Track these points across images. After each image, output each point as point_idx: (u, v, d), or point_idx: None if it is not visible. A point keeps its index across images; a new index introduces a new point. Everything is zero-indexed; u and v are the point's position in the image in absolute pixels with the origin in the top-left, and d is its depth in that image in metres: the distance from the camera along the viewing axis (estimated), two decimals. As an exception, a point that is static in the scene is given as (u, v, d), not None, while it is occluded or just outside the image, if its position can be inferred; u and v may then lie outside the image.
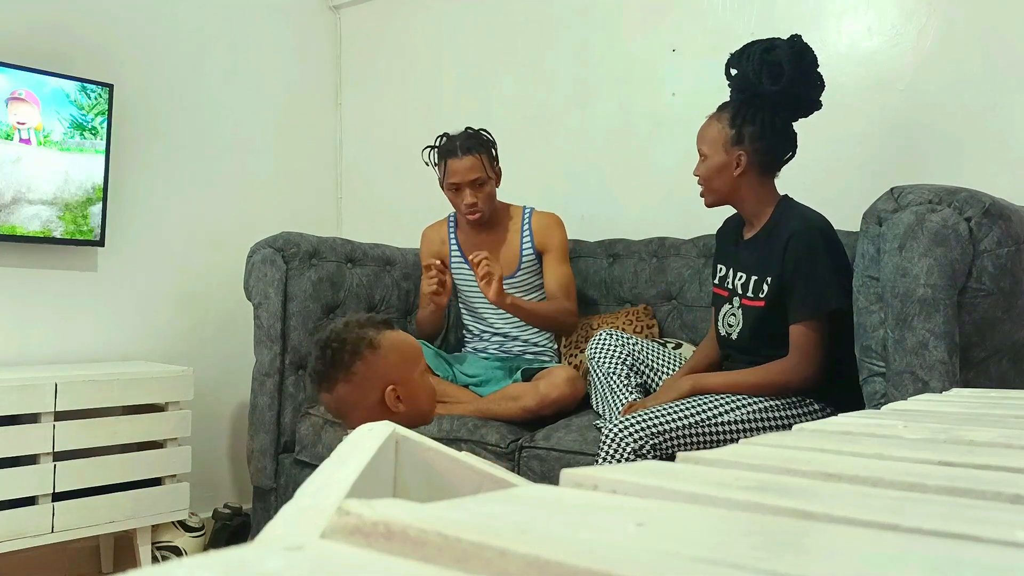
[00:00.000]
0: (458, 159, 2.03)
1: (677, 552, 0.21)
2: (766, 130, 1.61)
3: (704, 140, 1.66)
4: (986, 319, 1.30)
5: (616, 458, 1.48)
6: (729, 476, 0.32)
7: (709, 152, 1.65)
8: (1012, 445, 0.41)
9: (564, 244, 2.18)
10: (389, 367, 1.23)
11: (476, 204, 2.07)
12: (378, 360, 1.22)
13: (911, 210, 1.30)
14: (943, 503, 0.29)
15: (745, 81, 1.60)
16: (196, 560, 0.20)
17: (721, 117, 1.65)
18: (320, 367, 1.24)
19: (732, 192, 1.65)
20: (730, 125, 1.62)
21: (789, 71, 1.56)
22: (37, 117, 2.12)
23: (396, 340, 1.26)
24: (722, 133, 1.63)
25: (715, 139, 1.64)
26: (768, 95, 1.59)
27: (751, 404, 1.54)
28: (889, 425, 0.50)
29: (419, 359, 1.29)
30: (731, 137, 1.62)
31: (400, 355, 1.25)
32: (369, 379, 1.22)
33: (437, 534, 0.21)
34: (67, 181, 2.18)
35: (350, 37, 3.07)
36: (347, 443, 0.42)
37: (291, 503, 0.28)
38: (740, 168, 1.62)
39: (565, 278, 2.14)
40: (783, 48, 1.57)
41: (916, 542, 0.24)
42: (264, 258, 2.15)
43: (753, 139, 1.61)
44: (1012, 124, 1.85)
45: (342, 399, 1.24)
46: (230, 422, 2.63)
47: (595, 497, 0.28)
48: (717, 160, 1.63)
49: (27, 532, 1.85)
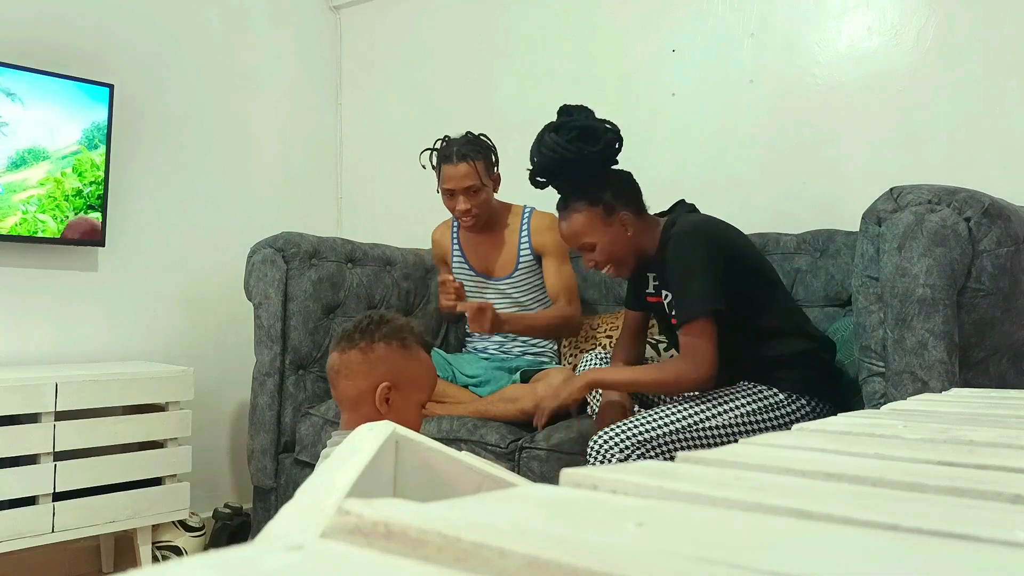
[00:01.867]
0: (453, 166, 2.03)
1: (677, 552, 0.21)
2: (613, 183, 1.64)
3: (578, 236, 1.64)
4: (985, 319, 1.30)
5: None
6: (729, 476, 0.32)
7: (594, 238, 1.63)
8: (1012, 445, 0.41)
9: (563, 244, 2.17)
10: (402, 369, 1.23)
11: (469, 210, 2.06)
12: (399, 359, 1.23)
13: (910, 210, 1.30)
14: (943, 503, 0.29)
15: (565, 159, 1.60)
16: (196, 560, 0.20)
17: (575, 208, 1.64)
18: (353, 329, 1.25)
19: (635, 250, 1.66)
20: (590, 204, 1.62)
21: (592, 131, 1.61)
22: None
23: (422, 359, 1.27)
24: (591, 215, 1.62)
25: (588, 224, 1.63)
26: (592, 156, 1.61)
27: (736, 408, 1.53)
28: (889, 425, 0.50)
29: (426, 389, 1.27)
30: (602, 211, 1.62)
31: (419, 371, 1.25)
32: (379, 362, 1.22)
33: (437, 534, 0.21)
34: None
35: (350, 37, 3.07)
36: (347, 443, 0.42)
37: (291, 503, 0.28)
38: (629, 227, 1.64)
39: (567, 279, 2.14)
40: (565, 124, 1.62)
41: (916, 542, 0.24)
42: (264, 258, 2.15)
43: (618, 197, 1.63)
44: (1011, 124, 1.85)
45: (348, 364, 1.23)
46: (230, 422, 2.63)
47: (595, 497, 0.28)
48: (607, 238, 1.63)
49: (27, 532, 1.85)
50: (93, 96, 2.23)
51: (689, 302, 1.52)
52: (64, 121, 2.17)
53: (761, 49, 2.20)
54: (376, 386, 1.20)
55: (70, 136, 2.19)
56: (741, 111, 2.23)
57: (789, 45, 2.16)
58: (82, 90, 2.20)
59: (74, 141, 2.20)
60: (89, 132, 2.22)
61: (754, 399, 1.55)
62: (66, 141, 2.18)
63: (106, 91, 2.25)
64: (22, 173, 2.11)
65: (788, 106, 2.15)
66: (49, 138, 2.15)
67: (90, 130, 2.23)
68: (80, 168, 2.21)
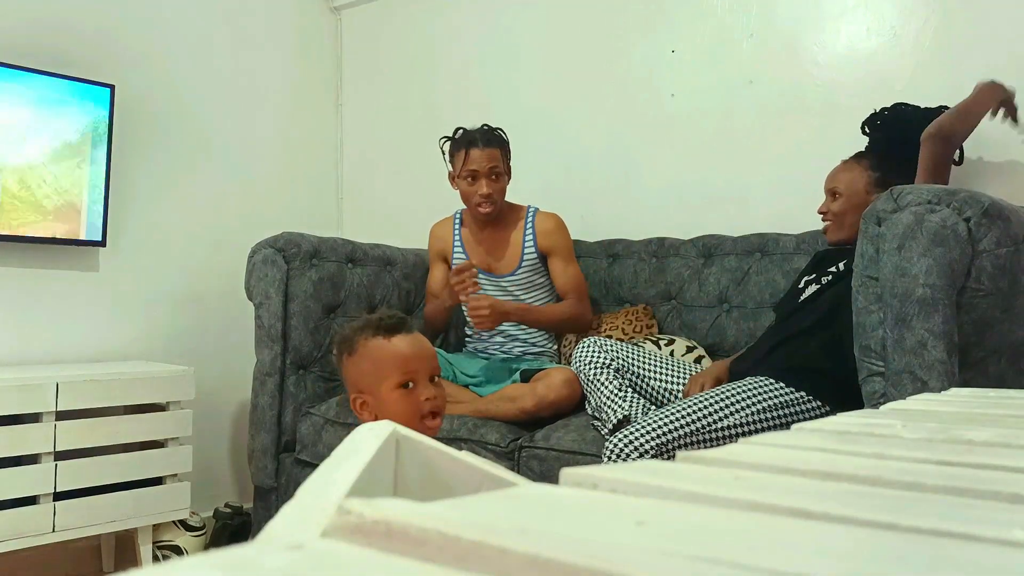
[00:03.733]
0: (480, 149, 2.07)
1: (677, 551, 0.21)
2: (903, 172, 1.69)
3: (839, 180, 1.74)
4: (985, 319, 1.30)
5: None
6: (728, 475, 0.33)
7: (845, 191, 1.72)
8: (1010, 445, 0.41)
9: (569, 245, 2.20)
10: (360, 375, 1.22)
11: (491, 195, 2.09)
12: (351, 366, 1.24)
13: (910, 210, 1.30)
14: (941, 503, 0.30)
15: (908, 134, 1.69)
16: (197, 559, 0.20)
17: (860, 162, 1.73)
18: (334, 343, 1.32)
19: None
20: (873, 169, 1.71)
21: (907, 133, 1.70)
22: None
23: (375, 348, 1.20)
24: (863, 176, 1.71)
25: (854, 181, 1.72)
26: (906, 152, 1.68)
27: (751, 407, 1.54)
28: (888, 425, 0.50)
29: (392, 373, 1.19)
30: (874, 180, 1.70)
31: (372, 364, 1.20)
32: (348, 380, 1.27)
33: (437, 533, 0.21)
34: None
35: (351, 38, 3.07)
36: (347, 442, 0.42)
37: (292, 502, 0.28)
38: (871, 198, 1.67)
39: (575, 279, 2.17)
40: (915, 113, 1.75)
41: (914, 541, 0.24)
42: (265, 258, 2.15)
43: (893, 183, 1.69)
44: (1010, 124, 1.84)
45: (345, 376, 1.30)
46: (231, 422, 2.63)
47: (595, 496, 0.29)
48: (855, 200, 1.69)
49: (28, 531, 1.85)
50: (94, 97, 2.23)
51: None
52: (65, 121, 2.17)
53: (760, 50, 2.20)
54: (353, 399, 1.24)
55: (71, 136, 2.19)
56: (740, 112, 2.23)
57: (788, 46, 2.16)
58: (83, 90, 2.20)
59: (75, 141, 2.20)
60: (90, 132, 2.22)
61: (768, 396, 1.55)
62: (66, 141, 2.18)
63: (107, 91, 2.25)
64: (21, 173, 2.12)
65: (787, 107, 2.15)
66: (49, 138, 2.15)
67: (91, 130, 2.23)
68: (81, 168, 2.21)
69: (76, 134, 2.20)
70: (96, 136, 2.24)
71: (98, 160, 2.24)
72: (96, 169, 2.24)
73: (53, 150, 2.16)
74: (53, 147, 2.16)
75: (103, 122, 2.25)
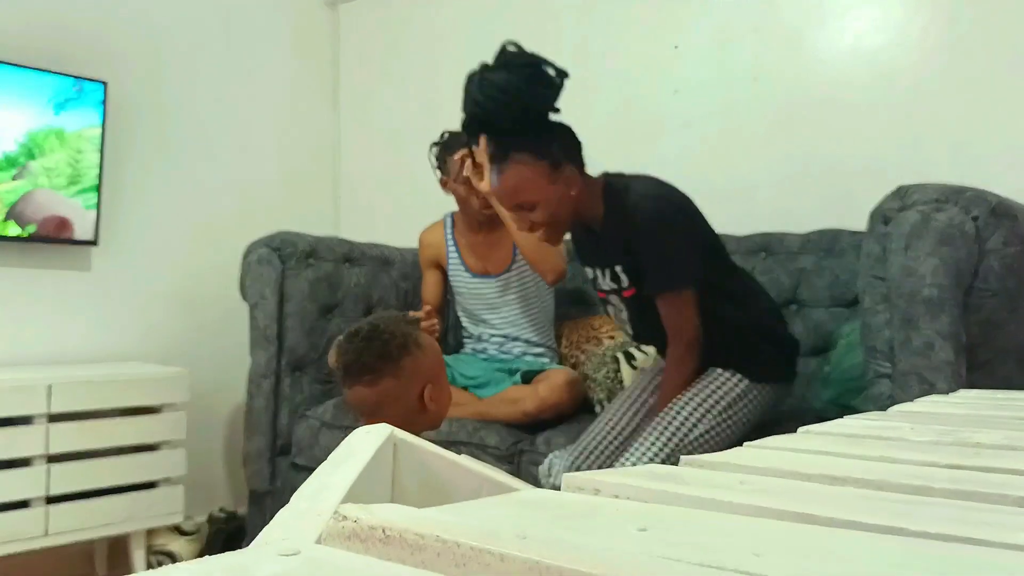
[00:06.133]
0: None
1: (680, 557, 0.21)
2: (561, 136, 1.50)
3: (518, 193, 1.47)
4: (992, 319, 1.30)
5: None
6: (733, 480, 0.32)
7: (536, 196, 1.46)
8: (1018, 447, 0.41)
9: None
10: (429, 366, 1.28)
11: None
12: (422, 357, 1.26)
13: (917, 209, 1.29)
14: (949, 506, 0.29)
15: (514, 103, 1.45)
16: (191, 565, 0.20)
17: (518, 160, 1.46)
18: (368, 359, 1.23)
19: (575, 212, 1.52)
20: (536, 157, 1.45)
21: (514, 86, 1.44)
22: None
23: (432, 341, 1.32)
24: (536, 170, 1.45)
25: (532, 179, 1.45)
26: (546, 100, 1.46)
27: (713, 407, 1.49)
28: (895, 427, 0.49)
29: (444, 363, 1.35)
30: (548, 167, 1.46)
31: (436, 355, 1.31)
32: (413, 375, 1.25)
33: (436, 539, 0.21)
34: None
35: (348, 34, 3.06)
36: (343, 446, 0.41)
37: (287, 507, 0.28)
38: (574, 186, 1.49)
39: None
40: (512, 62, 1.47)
41: (922, 546, 0.24)
42: (260, 258, 2.14)
43: (566, 152, 1.48)
44: (1018, 121, 1.85)
45: (386, 393, 1.24)
46: (226, 424, 2.62)
47: (597, 501, 0.28)
48: (551, 196, 1.46)
49: (20, 535, 1.84)
50: (87, 94, 2.22)
51: (673, 271, 1.48)
52: (57, 118, 2.16)
53: (765, 46, 2.20)
54: (420, 393, 1.25)
55: (62, 134, 2.18)
56: (744, 109, 2.22)
57: (793, 42, 2.15)
58: (76, 87, 2.20)
59: (67, 139, 2.19)
60: (82, 130, 2.21)
61: (724, 391, 1.51)
62: (58, 138, 2.17)
63: (100, 88, 2.24)
64: (11, 171, 2.11)
65: (792, 104, 2.15)
66: (41, 136, 2.14)
67: (83, 128, 2.22)
68: (73, 166, 2.20)
69: (68, 131, 2.19)
70: (89, 133, 2.23)
71: (91, 158, 2.23)
72: (88, 167, 2.23)
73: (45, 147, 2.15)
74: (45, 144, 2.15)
75: (96, 119, 2.24)
